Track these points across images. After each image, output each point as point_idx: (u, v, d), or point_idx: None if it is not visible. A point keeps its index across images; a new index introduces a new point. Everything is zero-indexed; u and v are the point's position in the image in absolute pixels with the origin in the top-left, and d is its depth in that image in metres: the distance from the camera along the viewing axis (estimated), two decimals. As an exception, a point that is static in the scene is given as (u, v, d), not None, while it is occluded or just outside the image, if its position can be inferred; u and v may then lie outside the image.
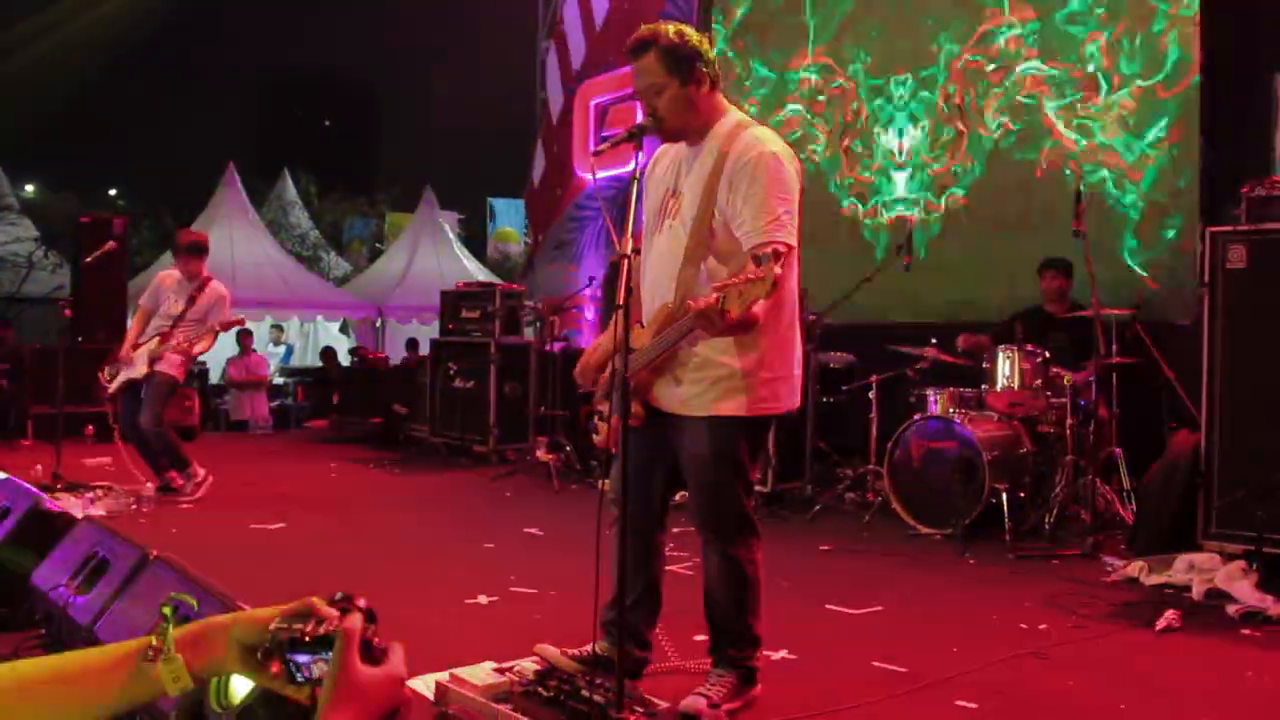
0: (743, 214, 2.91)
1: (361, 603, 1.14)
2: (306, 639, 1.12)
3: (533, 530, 6.49)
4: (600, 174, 10.86)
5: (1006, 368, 6.54)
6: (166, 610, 1.16)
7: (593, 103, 13.10)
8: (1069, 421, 6.31)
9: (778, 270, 2.46)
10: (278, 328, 18.50)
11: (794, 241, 2.89)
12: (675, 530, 4.35)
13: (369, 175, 43.76)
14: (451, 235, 20.82)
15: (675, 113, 3.03)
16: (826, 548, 5.99)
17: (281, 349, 18.58)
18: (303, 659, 1.12)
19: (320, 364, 15.92)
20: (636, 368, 2.98)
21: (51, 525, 3.56)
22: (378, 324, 19.10)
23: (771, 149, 2.97)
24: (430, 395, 10.16)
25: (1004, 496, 6.11)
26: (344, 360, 15.54)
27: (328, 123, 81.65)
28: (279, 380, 16.58)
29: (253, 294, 16.57)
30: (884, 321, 8.66)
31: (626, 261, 2.65)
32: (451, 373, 9.72)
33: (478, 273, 19.56)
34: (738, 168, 2.95)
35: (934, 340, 7.12)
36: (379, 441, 11.35)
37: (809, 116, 9.67)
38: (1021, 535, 6.08)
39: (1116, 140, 7.78)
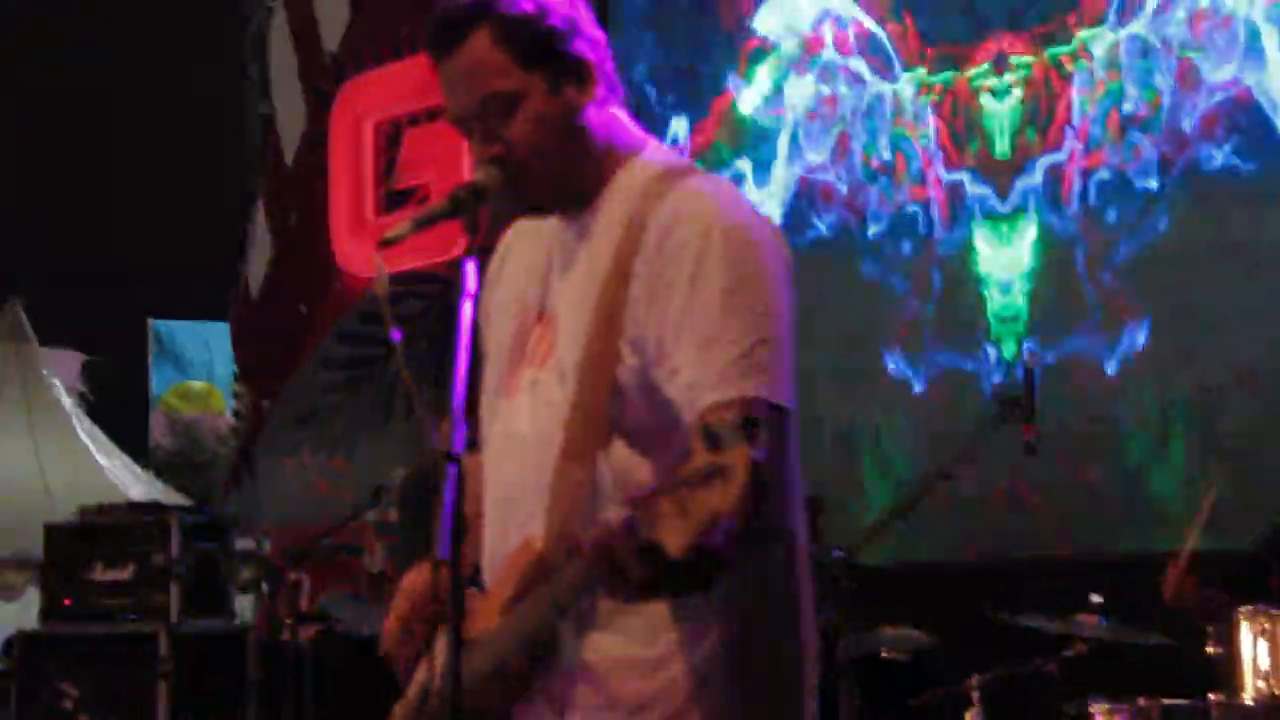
0: (679, 347, 2.03)
1: None
2: None
3: None
4: (393, 270, 7.49)
5: (1265, 652, 4.78)
6: None
7: (369, 121, 8.95)
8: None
9: (756, 455, 1.67)
10: None
11: (787, 397, 2.02)
12: None
13: None
14: (68, 402, 13.28)
15: (548, 149, 2.12)
16: None
17: None
18: None
19: None
20: (478, 676, 2.04)
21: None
22: None
23: (736, 218, 2.08)
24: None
25: None
26: None
27: None
28: None
29: None
30: (978, 561, 6.54)
31: (454, 468, 1.89)
32: (69, 705, 6.43)
33: (127, 479, 13.30)
34: (666, 254, 2.06)
35: (1095, 597, 5.12)
36: None
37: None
38: None
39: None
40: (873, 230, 7.10)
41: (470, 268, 2.05)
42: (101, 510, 7.04)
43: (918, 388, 6.95)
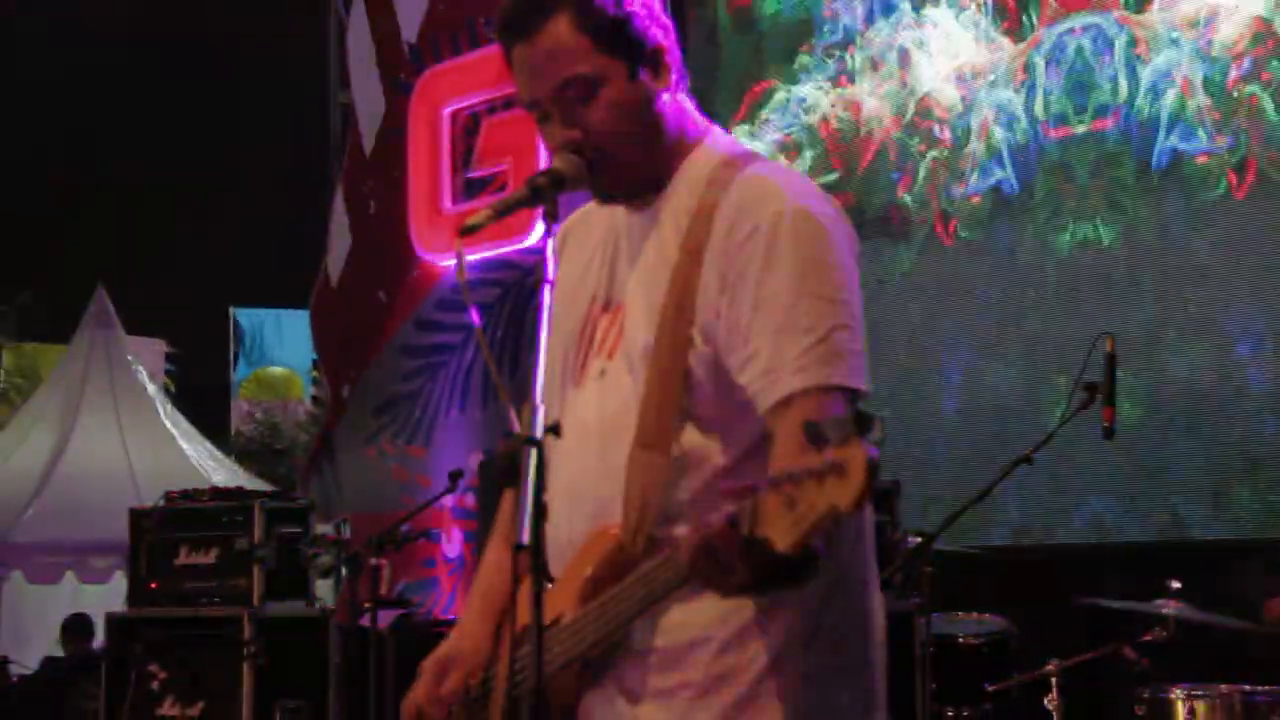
0: (754, 334, 2.01)
1: None
2: None
3: None
4: (471, 258, 7.46)
5: (1349, 637, 4.84)
6: None
7: (446, 110, 8.94)
8: None
9: (873, 453, 1.63)
10: None
11: (861, 381, 2.00)
12: None
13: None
14: (152, 388, 13.30)
15: (628, 135, 2.09)
16: None
17: None
18: None
19: None
20: (553, 664, 2.03)
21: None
22: None
23: (803, 202, 2.05)
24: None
25: None
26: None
27: None
28: None
29: None
30: (1057, 543, 6.41)
31: (534, 451, 1.81)
32: (155, 686, 6.51)
33: (209, 465, 12.40)
34: (735, 240, 2.03)
35: (1174, 584, 4.99)
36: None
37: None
38: None
39: None
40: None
41: (549, 254, 2.04)
42: (186, 495, 7.11)
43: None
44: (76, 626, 9.02)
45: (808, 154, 7.02)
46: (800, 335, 2.02)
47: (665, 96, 2.18)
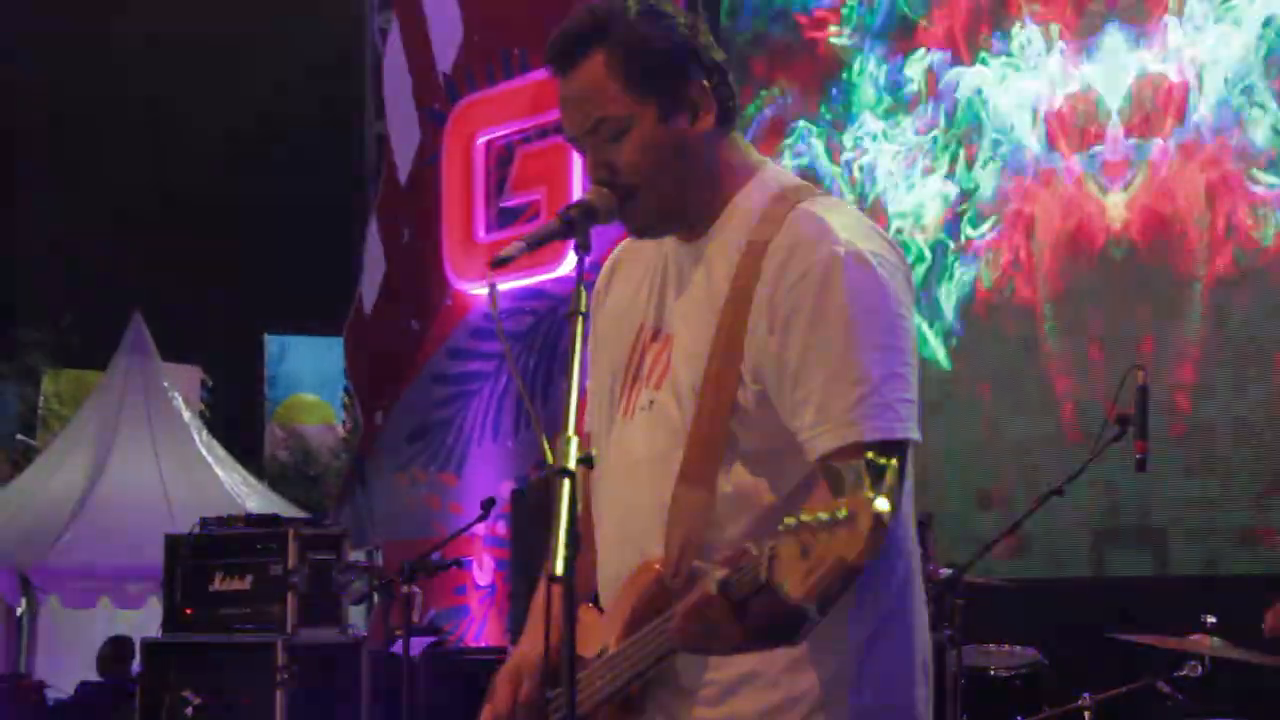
0: (806, 382, 1.98)
1: None
2: None
3: None
4: (503, 287, 7.54)
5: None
6: None
7: (481, 139, 8.90)
8: None
9: (881, 506, 1.60)
10: None
11: (915, 433, 1.97)
12: None
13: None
14: (188, 414, 13.22)
15: (655, 175, 2.07)
16: None
17: None
18: None
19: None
20: (596, 697, 2.06)
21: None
22: (19, 610, 11.96)
23: (856, 244, 2.00)
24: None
25: None
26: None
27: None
28: None
29: None
30: (1090, 576, 6.39)
31: (566, 481, 1.80)
32: (190, 711, 6.40)
33: (244, 492, 12.21)
34: (787, 282, 2.00)
35: (1209, 618, 4.88)
36: None
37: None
38: None
39: None
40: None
41: (581, 286, 2.02)
42: (220, 522, 7.06)
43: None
44: (117, 650, 8.99)
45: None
46: (851, 387, 1.99)
47: (704, 137, 2.14)
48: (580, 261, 2.04)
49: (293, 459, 19.02)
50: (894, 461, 1.75)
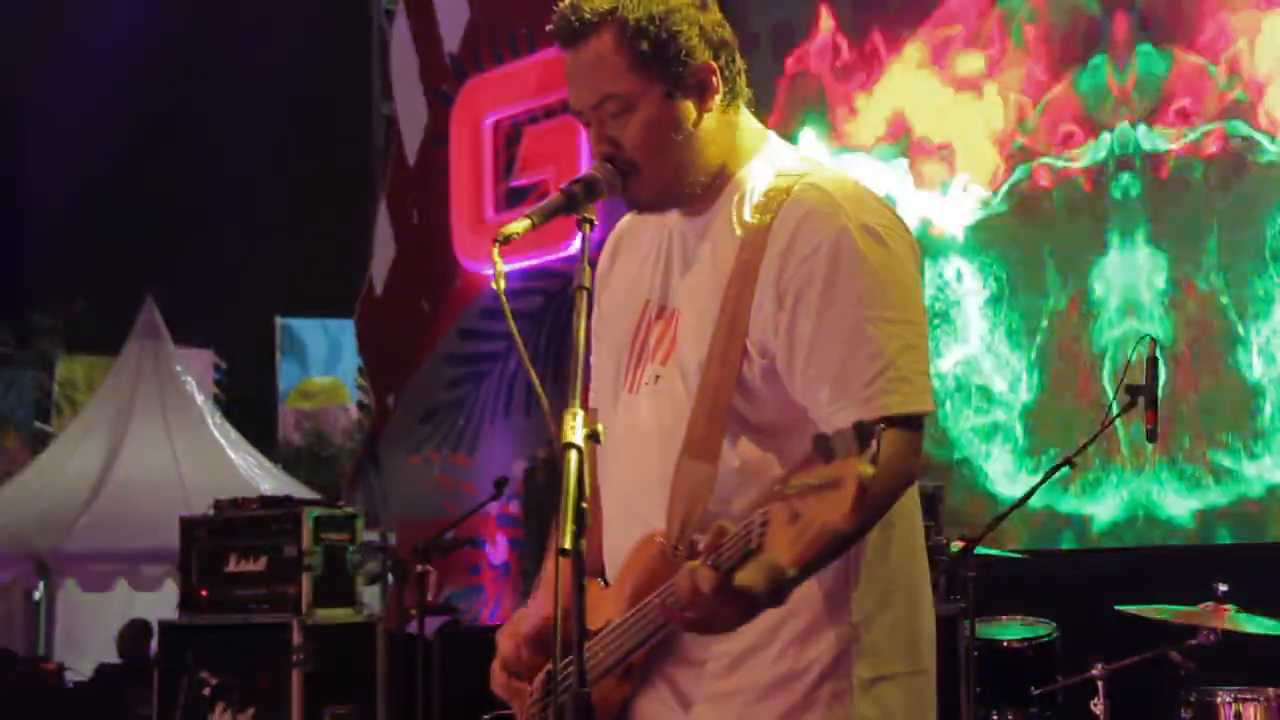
0: (820, 359, 1.98)
1: None
2: None
3: None
4: (512, 268, 7.54)
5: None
6: None
7: (489, 119, 8.95)
8: None
9: (866, 470, 1.62)
10: None
11: (929, 403, 1.98)
12: None
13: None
14: (201, 398, 13.35)
15: (659, 152, 2.09)
16: None
17: None
18: None
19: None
20: (601, 668, 2.06)
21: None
22: (37, 594, 12.30)
23: (865, 218, 2.01)
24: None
25: None
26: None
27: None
28: None
29: None
30: (1103, 546, 6.29)
31: (576, 454, 1.81)
32: (207, 692, 6.46)
33: (257, 474, 12.38)
34: (794, 257, 2.01)
35: (1221, 586, 4.88)
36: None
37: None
38: None
39: None
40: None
41: (585, 260, 2.02)
42: (235, 504, 7.09)
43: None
44: (135, 632, 9.04)
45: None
46: (868, 362, 2.00)
47: (709, 115, 2.15)
48: (584, 236, 2.04)
49: (306, 441, 19.10)
50: (911, 428, 1.78)
